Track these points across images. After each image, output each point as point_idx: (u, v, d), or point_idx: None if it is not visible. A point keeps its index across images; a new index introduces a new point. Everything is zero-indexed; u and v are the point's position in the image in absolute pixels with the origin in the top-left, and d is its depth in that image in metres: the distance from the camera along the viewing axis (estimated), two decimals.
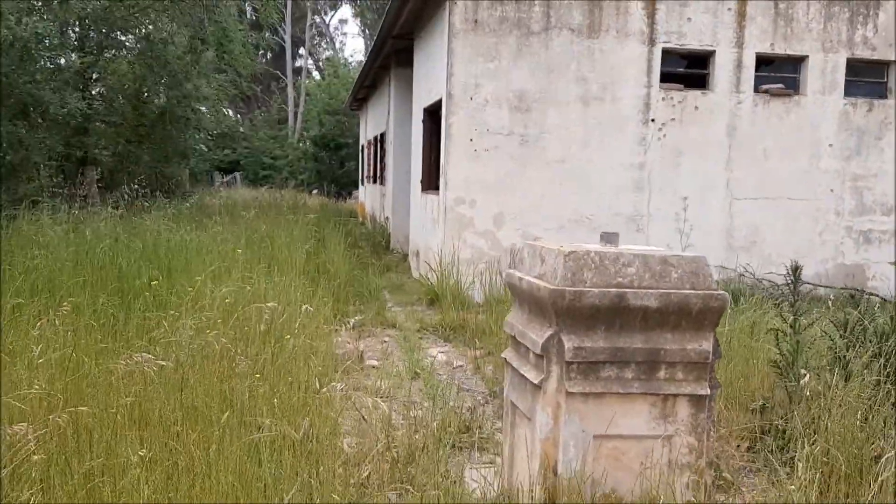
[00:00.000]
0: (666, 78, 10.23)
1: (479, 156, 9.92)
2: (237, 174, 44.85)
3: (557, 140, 10.03)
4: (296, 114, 49.93)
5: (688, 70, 10.48)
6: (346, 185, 38.18)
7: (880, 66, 10.63)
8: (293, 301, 6.80)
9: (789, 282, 5.46)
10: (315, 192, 35.45)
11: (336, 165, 39.12)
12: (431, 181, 11.94)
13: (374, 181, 20.57)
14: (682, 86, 10.25)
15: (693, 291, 4.02)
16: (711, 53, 10.24)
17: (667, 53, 10.21)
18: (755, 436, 4.98)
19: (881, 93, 10.68)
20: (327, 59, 55.17)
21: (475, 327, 8.18)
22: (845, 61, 10.39)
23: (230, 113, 55.22)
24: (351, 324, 8.15)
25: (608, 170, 10.15)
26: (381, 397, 6.11)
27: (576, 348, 3.87)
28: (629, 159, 10.18)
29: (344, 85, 38.47)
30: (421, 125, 12.05)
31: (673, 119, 10.22)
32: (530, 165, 10.01)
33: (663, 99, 10.18)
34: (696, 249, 10.13)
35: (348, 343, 7.57)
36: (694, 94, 10.24)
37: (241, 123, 53.07)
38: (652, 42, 10.07)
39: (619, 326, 3.94)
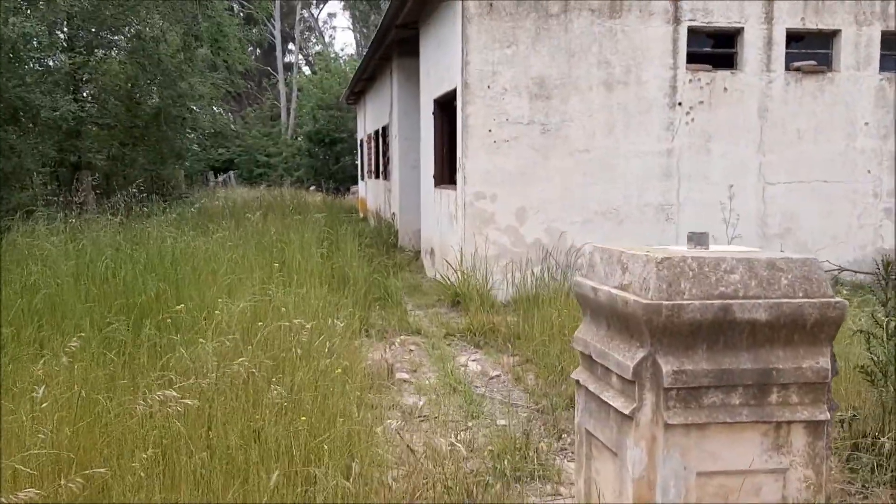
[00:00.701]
0: (693, 58, 9.68)
1: (499, 147, 9.36)
2: (231, 173, 44.26)
3: (580, 128, 9.48)
4: (288, 110, 49.30)
5: (715, 49, 9.93)
6: (343, 181, 37.60)
7: None
8: (317, 314, 6.26)
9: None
10: (312, 188, 34.85)
11: (331, 161, 38.54)
12: (445, 175, 11.38)
13: (377, 176, 20.00)
14: (709, 66, 9.70)
15: (807, 300, 3.45)
16: (739, 31, 9.69)
17: (693, 32, 9.65)
18: (849, 453, 4.47)
19: None
20: (318, 53, 54.50)
21: (506, 331, 7.65)
22: (879, 34, 9.85)
23: (222, 112, 54.66)
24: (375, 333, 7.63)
25: (634, 157, 9.61)
26: (420, 417, 5.59)
27: (675, 372, 3.33)
28: (656, 146, 9.64)
29: (336, 79, 37.85)
30: (431, 117, 11.49)
31: (701, 102, 9.67)
32: (552, 155, 9.47)
33: (690, 81, 9.63)
34: (728, 237, 9.61)
35: (375, 353, 7.04)
36: (722, 75, 9.70)
37: (234, 122, 52.40)
38: (677, 20, 9.51)
39: (724, 344, 3.40)
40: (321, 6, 69.67)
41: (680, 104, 9.64)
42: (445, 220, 10.64)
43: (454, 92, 9.82)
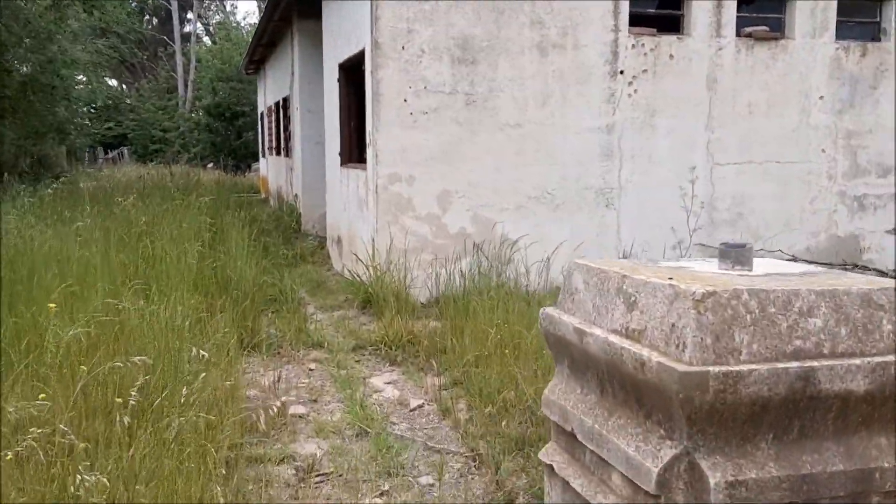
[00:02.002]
0: (636, 21, 8.48)
1: (417, 120, 7.95)
2: (125, 149, 41.33)
3: (511, 98, 8.16)
4: (186, 82, 46.39)
5: (660, 11, 8.75)
6: (244, 158, 35.36)
7: (872, 4, 9.17)
8: (182, 334, 4.74)
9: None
10: (210, 166, 32.57)
11: (233, 136, 36.20)
12: (353, 153, 9.89)
13: (279, 153, 18.27)
14: (654, 30, 8.52)
15: None
16: None
17: None
18: None
19: (873, 34, 9.24)
20: (219, 23, 51.52)
21: (429, 343, 6.29)
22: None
23: (114, 83, 51.13)
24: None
25: (572, 134, 8.36)
26: (318, 475, 4.19)
27: (729, 485, 2.04)
28: (596, 121, 8.42)
29: (238, 49, 35.47)
30: (336, 85, 9.96)
31: (645, 70, 8.49)
32: (480, 131, 8.12)
33: (633, 46, 8.43)
34: (672, 222, 8.52)
35: (264, 377, 5.57)
36: (668, 40, 8.53)
37: (128, 94, 49.11)
38: None
39: (799, 433, 2.14)
40: None
41: (622, 73, 8.43)
42: (354, 205, 9.17)
43: (362, 54, 8.33)
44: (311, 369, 6.00)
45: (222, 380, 4.45)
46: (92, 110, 39.75)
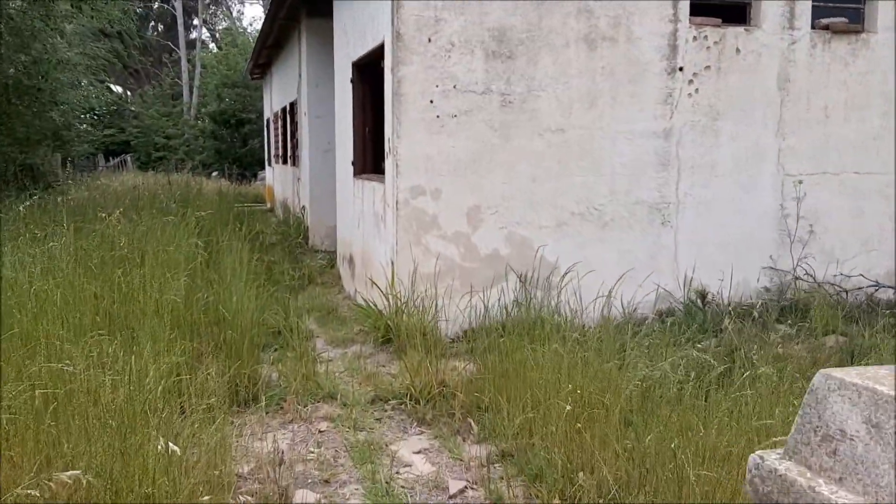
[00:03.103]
0: (697, 10, 7.33)
1: (444, 125, 6.80)
2: (128, 157, 40.35)
3: (554, 99, 7.01)
4: (191, 88, 45.41)
5: (724, 0, 7.60)
6: (249, 166, 34.31)
7: None
8: (153, 404, 3.59)
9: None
10: (215, 174, 31.48)
11: (238, 144, 35.20)
12: (368, 162, 8.75)
13: (285, 161, 17.15)
14: (719, 20, 7.36)
15: None
16: None
17: None
18: None
19: None
20: (225, 29, 50.61)
21: (465, 397, 5.11)
22: None
23: (119, 89, 50.20)
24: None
25: (623, 140, 7.21)
26: None
27: None
28: (651, 125, 7.26)
29: (244, 55, 34.48)
30: (349, 86, 8.82)
31: (708, 67, 7.33)
32: (517, 136, 6.97)
33: (694, 38, 7.27)
34: (739, 243, 7.36)
35: (259, 440, 4.42)
36: (735, 32, 7.37)
37: (131, 101, 48.16)
38: None
39: None
40: None
41: (681, 69, 7.28)
42: (369, 221, 8.02)
43: (381, 49, 7.20)
44: (321, 431, 4.84)
45: (205, 469, 3.29)
46: (94, 116, 38.78)
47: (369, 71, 8.30)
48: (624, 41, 7.12)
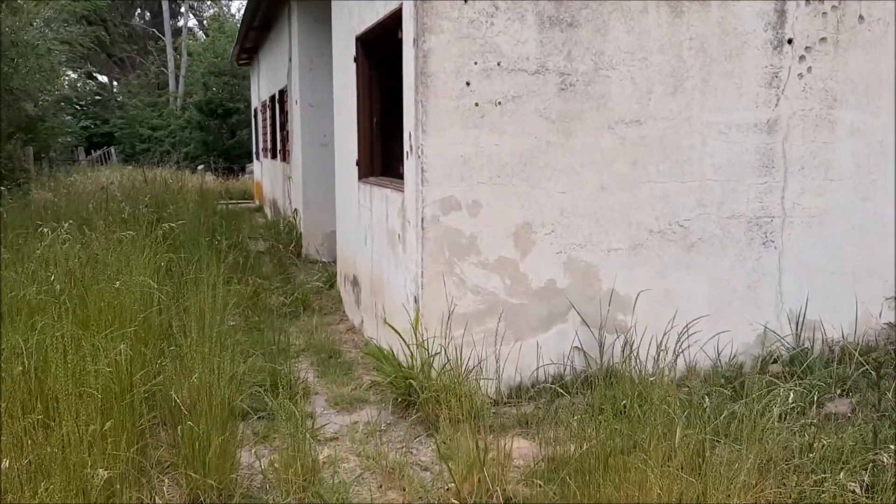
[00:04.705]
0: None
1: (486, 115, 5.08)
2: (112, 149, 38.46)
3: (628, 81, 5.29)
4: (177, 77, 43.46)
5: None
6: (238, 158, 32.50)
7: None
8: None
9: None
10: (201, 167, 29.63)
11: (226, 135, 33.42)
12: (376, 163, 7.01)
13: (274, 156, 15.39)
14: None
15: None
16: None
17: None
18: None
19: None
20: (213, 17, 48.61)
21: None
22: None
23: (103, 79, 48.19)
24: None
25: (716, 135, 5.50)
26: None
27: None
28: (752, 114, 5.55)
29: (231, 41, 32.61)
30: (352, 66, 7.07)
31: (823, 39, 5.62)
32: (579, 130, 5.25)
33: (808, 2, 5.56)
34: (858, 267, 5.69)
35: None
36: None
37: (116, 91, 46.20)
38: None
39: None
40: None
41: (790, 42, 5.56)
42: (382, 239, 6.29)
43: (397, 17, 5.45)
44: None
45: None
46: (76, 107, 36.81)
47: (379, 47, 6.55)
48: (718, 4, 5.39)
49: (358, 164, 7.07)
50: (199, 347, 4.06)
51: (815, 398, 4.92)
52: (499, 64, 5.06)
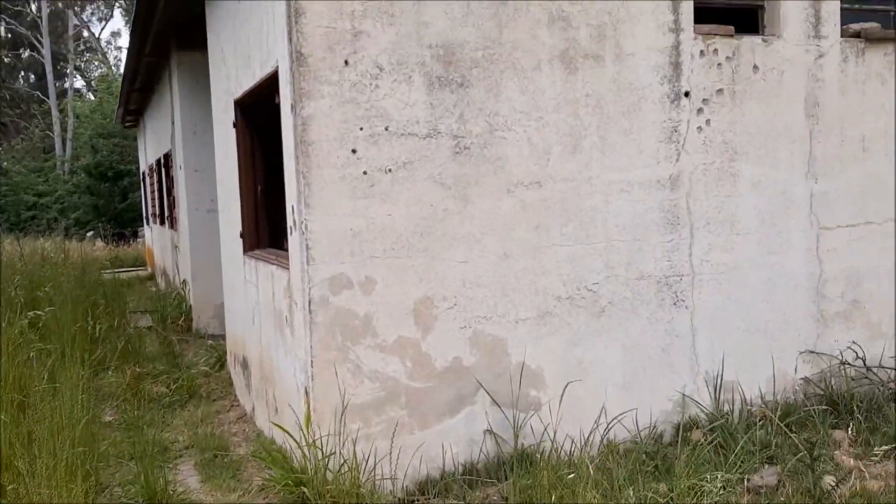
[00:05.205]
0: (703, 16, 5.49)
1: (376, 184, 4.66)
2: None
3: (525, 142, 4.99)
4: (64, 140, 41.71)
5: (731, 2, 5.78)
6: (131, 222, 31.06)
7: None
8: None
9: None
10: (90, 234, 28.14)
11: (118, 198, 31.91)
12: (262, 234, 6.48)
13: (163, 222, 14.57)
14: (731, 27, 5.53)
15: None
16: None
17: None
18: None
19: None
20: (101, 77, 47.06)
21: None
22: None
23: None
24: None
25: (618, 193, 5.24)
26: None
27: None
28: (653, 171, 5.33)
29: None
30: (231, 131, 6.56)
31: (720, 91, 5.48)
32: (478, 196, 4.89)
33: (702, 53, 5.42)
34: (770, 322, 5.51)
35: None
36: (751, 44, 5.56)
37: None
38: None
39: None
40: (103, 24, 61.89)
41: (687, 95, 5.39)
42: (269, 321, 5.73)
43: (274, 79, 5.00)
44: None
45: None
46: None
47: (260, 111, 6.08)
48: (612, 59, 5.18)
49: (242, 235, 6.52)
50: (48, 477, 3.41)
51: (741, 469, 4.64)
52: (387, 128, 4.67)
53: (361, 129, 4.61)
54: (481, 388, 4.93)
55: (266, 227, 6.43)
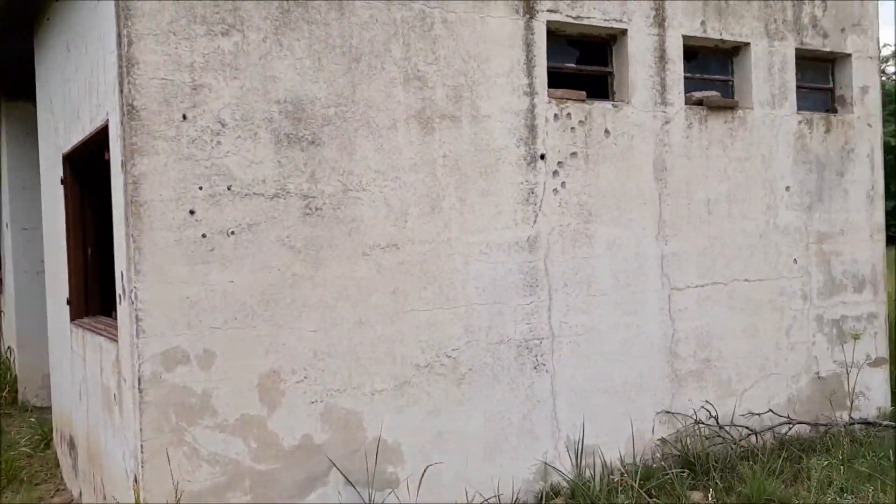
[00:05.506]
0: (556, 80, 5.51)
1: (216, 248, 4.28)
2: None
3: (381, 203, 4.77)
4: None
5: (582, 67, 5.85)
6: None
7: (825, 64, 6.97)
8: None
9: None
10: None
11: None
12: (91, 301, 5.89)
13: None
14: (583, 93, 5.58)
15: None
16: (621, 35, 5.75)
17: (554, 35, 5.51)
18: None
19: (826, 104, 7.01)
20: None
21: None
22: (794, 54, 6.54)
23: None
24: None
25: (478, 256, 5.10)
26: None
27: None
28: (512, 233, 5.23)
29: None
30: (61, 187, 5.98)
31: (574, 154, 5.49)
32: (332, 259, 4.61)
33: (556, 117, 5.42)
34: (628, 384, 5.51)
35: None
36: (602, 109, 5.63)
37: None
38: (530, 11, 5.30)
39: None
40: None
41: (543, 157, 5.37)
42: (97, 398, 5.15)
43: (104, 132, 4.56)
44: None
45: None
46: None
47: (91, 166, 5.56)
48: (469, 120, 5.08)
49: (69, 302, 5.90)
50: None
51: None
52: (229, 188, 4.32)
53: (201, 188, 4.24)
54: (334, 466, 4.57)
55: (97, 294, 5.85)
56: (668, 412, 5.84)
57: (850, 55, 6.81)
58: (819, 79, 6.95)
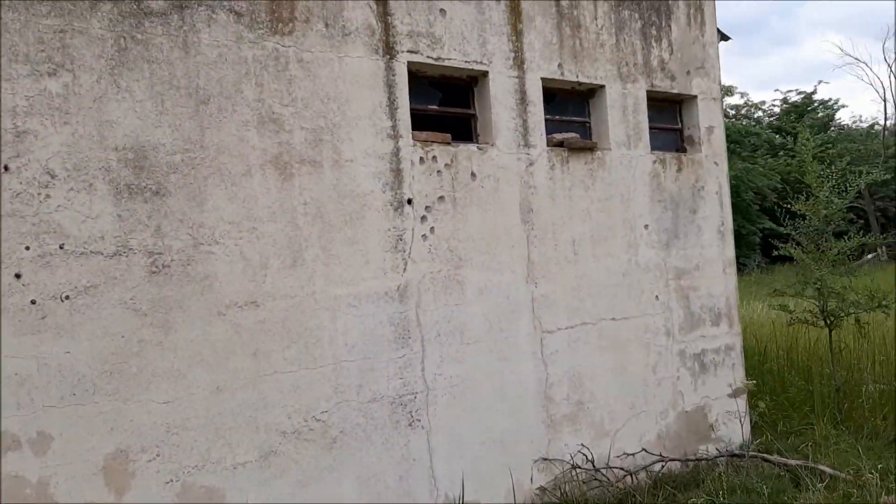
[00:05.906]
0: (420, 122, 5.34)
1: (48, 315, 3.75)
2: None
3: (237, 257, 4.38)
4: None
5: (445, 109, 5.70)
6: None
7: (672, 105, 7.20)
8: None
9: None
10: None
11: None
12: None
13: None
14: (448, 135, 5.44)
15: None
16: (482, 77, 5.67)
17: (416, 77, 5.35)
18: None
19: (676, 144, 7.24)
20: None
21: None
22: (645, 95, 6.71)
23: None
24: None
25: (346, 309, 4.79)
26: None
27: None
28: (380, 283, 4.96)
29: None
30: None
31: (441, 198, 5.32)
32: (183, 322, 4.16)
33: (422, 160, 5.24)
34: (505, 433, 5.36)
35: None
36: (467, 151, 5.50)
37: None
38: (390, 51, 5.12)
39: None
40: None
41: (410, 202, 5.15)
42: None
43: None
44: None
45: None
46: None
47: None
48: (331, 165, 4.80)
49: None
50: None
51: None
52: (62, 247, 3.82)
53: (28, 248, 3.72)
54: None
55: None
56: (546, 459, 5.70)
57: (696, 97, 7.07)
58: (669, 119, 7.17)
